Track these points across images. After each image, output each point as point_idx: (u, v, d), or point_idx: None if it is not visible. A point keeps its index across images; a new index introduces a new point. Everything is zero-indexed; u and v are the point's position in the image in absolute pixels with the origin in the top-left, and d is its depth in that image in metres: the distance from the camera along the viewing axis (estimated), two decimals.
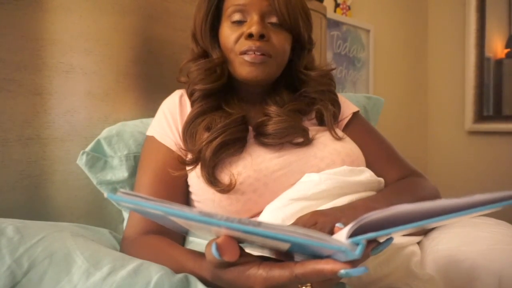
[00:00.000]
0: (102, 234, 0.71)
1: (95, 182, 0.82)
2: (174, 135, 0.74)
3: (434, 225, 0.45)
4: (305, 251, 0.40)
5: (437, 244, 0.67)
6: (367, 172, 0.71)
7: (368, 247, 0.37)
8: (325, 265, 0.37)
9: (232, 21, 0.72)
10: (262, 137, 0.71)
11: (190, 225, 0.41)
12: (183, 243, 0.72)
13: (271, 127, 0.70)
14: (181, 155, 0.72)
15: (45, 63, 0.80)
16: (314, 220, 0.55)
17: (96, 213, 0.88)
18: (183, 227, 0.44)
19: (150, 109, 0.96)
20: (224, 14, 0.74)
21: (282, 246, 0.39)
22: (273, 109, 0.73)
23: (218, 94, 0.75)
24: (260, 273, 0.40)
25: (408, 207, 0.35)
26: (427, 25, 2.40)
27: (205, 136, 0.68)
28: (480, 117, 2.19)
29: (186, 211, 0.35)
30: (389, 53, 2.17)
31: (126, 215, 0.86)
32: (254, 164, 0.67)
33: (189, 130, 0.71)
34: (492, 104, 2.18)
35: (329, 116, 0.76)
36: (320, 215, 0.56)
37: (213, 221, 0.35)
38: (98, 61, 0.88)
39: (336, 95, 0.82)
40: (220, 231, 0.38)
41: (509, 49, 2.13)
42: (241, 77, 0.73)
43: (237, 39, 0.71)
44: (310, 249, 0.38)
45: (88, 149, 0.81)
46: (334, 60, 1.84)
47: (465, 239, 0.64)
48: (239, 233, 0.37)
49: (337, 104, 0.80)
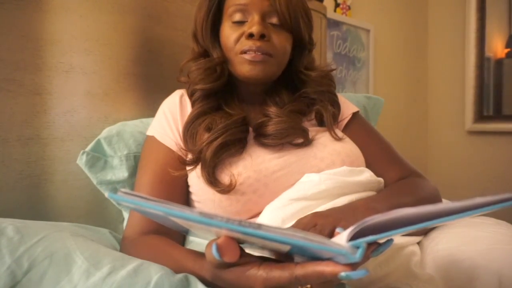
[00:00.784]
0: (102, 234, 0.71)
1: (95, 182, 0.82)
2: (175, 135, 0.74)
3: (434, 225, 0.45)
4: (305, 253, 0.40)
5: (437, 244, 0.67)
6: (367, 173, 0.71)
7: (368, 249, 0.37)
8: (325, 267, 0.37)
9: (233, 21, 0.72)
10: (262, 138, 0.71)
11: (190, 225, 0.41)
12: (183, 243, 0.72)
13: (271, 128, 0.70)
14: (181, 155, 0.72)
15: (45, 63, 0.80)
16: (314, 222, 0.55)
17: (96, 213, 0.88)
18: (183, 227, 0.44)
19: (150, 109, 0.96)
20: (225, 13, 0.74)
21: (282, 248, 0.39)
22: (273, 110, 0.73)
23: (218, 94, 0.75)
24: (260, 274, 0.40)
25: (409, 211, 0.34)
26: (427, 25, 2.40)
27: (205, 137, 0.68)
28: (480, 117, 2.19)
29: (187, 212, 0.35)
30: (389, 53, 2.17)
31: (126, 215, 0.86)
32: (254, 165, 0.67)
33: (189, 130, 0.71)
34: (492, 104, 2.18)
35: (328, 117, 0.76)
36: (320, 217, 0.56)
37: (213, 223, 0.35)
38: (98, 61, 0.88)
39: (336, 95, 0.82)
40: (221, 231, 0.38)
41: (509, 49, 2.13)
42: (241, 75, 0.73)
43: (238, 38, 0.71)
44: (310, 251, 0.38)
45: (88, 149, 0.81)
46: (334, 60, 1.84)
47: (465, 239, 0.64)
48: (239, 234, 0.37)
49: (336, 105, 0.80)
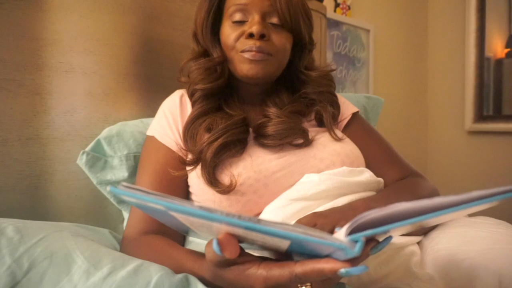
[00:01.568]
0: (102, 234, 0.71)
1: (95, 182, 0.82)
2: (175, 135, 0.74)
3: (433, 221, 0.45)
4: (305, 250, 0.40)
5: (436, 244, 0.67)
6: (367, 173, 0.71)
7: (367, 246, 0.37)
8: (325, 264, 0.37)
9: (233, 20, 0.72)
10: (262, 139, 0.71)
11: (191, 222, 0.41)
12: (183, 244, 0.72)
13: (270, 129, 0.70)
14: (181, 155, 0.72)
15: (45, 63, 0.80)
16: (313, 222, 0.55)
17: (96, 213, 0.88)
18: (183, 225, 0.44)
19: (150, 109, 0.96)
20: (225, 13, 0.74)
21: (282, 244, 0.39)
22: (272, 110, 0.73)
23: (218, 94, 0.75)
24: (260, 273, 0.40)
25: (406, 205, 0.35)
26: (427, 25, 2.40)
27: (206, 137, 0.68)
28: (480, 117, 2.19)
29: (187, 205, 0.35)
30: (389, 53, 2.17)
31: (126, 215, 0.86)
32: (254, 165, 0.67)
33: (189, 130, 0.71)
34: (492, 104, 2.18)
35: (328, 117, 0.76)
36: (319, 216, 0.56)
37: (213, 216, 0.35)
38: (98, 61, 0.88)
39: (335, 96, 0.82)
40: (221, 228, 0.38)
41: (509, 49, 2.13)
42: (241, 74, 0.73)
43: (238, 38, 0.72)
44: (309, 247, 0.38)
45: (88, 149, 0.81)
46: (334, 60, 1.84)
47: (465, 238, 0.64)
48: (239, 230, 0.37)
49: (336, 105, 0.80)
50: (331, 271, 0.37)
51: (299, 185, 0.67)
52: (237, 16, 0.72)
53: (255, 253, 0.45)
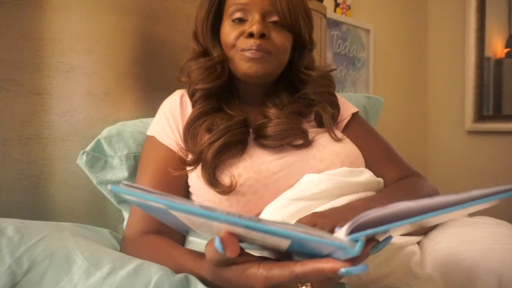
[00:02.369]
0: (102, 234, 0.71)
1: (95, 182, 0.82)
2: (175, 135, 0.74)
3: (433, 220, 0.45)
4: (305, 250, 0.40)
5: (436, 244, 0.67)
6: (367, 173, 0.71)
7: (367, 245, 0.37)
8: (325, 264, 0.37)
9: (233, 19, 0.73)
10: (262, 139, 0.71)
11: (191, 222, 0.41)
12: (183, 244, 0.72)
13: (270, 129, 0.70)
14: (181, 155, 0.72)
15: (45, 63, 0.80)
16: (313, 222, 0.55)
17: (96, 213, 0.88)
18: (184, 224, 0.44)
19: (150, 109, 0.96)
20: (225, 13, 0.74)
21: (282, 243, 0.39)
22: (272, 111, 0.73)
23: (219, 94, 0.75)
24: (260, 272, 0.40)
25: (407, 204, 0.35)
26: (427, 25, 2.40)
27: (206, 137, 0.68)
28: (480, 116, 2.19)
29: (188, 204, 0.35)
30: (389, 53, 2.17)
31: (126, 215, 0.86)
32: (254, 166, 0.67)
33: (190, 131, 0.71)
34: (492, 104, 2.18)
35: (327, 118, 0.76)
36: (319, 216, 0.56)
37: (214, 215, 0.35)
38: (98, 61, 0.88)
39: (335, 96, 0.82)
40: (221, 227, 0.38)
41: (509, 49, 2.13)
42: (241, 72, 0.73)
43: (238, 37, 0.72)
44: (309, 246, 0.38)
45: (88, 149, 0.81)
46: (334, 60, 1.84)
47: (465, 238, 0.64)
48: (239, 230, 0.37)
49: (336, 106, 0.80)
50: (331, 270, 0.37)
51: (299, 185, 0.67)
52: (237, 15, 0.72)
53: (255, 253, 0.45)
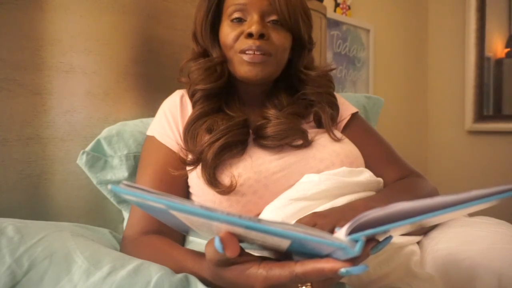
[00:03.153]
0: (102, 234, 0.71)
1: (95, 182, 0.82)
2: (175, 135, 0.74)
3: (433, 221, 0.45)
4: (305, 250, 0.40)
5: (436, 244, 0.67)
6: (366, 173, 0.71)
7: (367, 245, 0.37)
8: (325, 264, 0.37)
9: (232, 20, 0.73)
10: (262, 140, 0.71)
11: (191, 222, 0.41)
12: (183, 244, 0.72)
13: (270, 130, 0.70)
14: (181, 155, 0.72)
15: (45, 63, 0.80)
16: (313, 222, 0.55)
17: (96, 213, 0.88)
18: (184, 224, 0.44)
19: (150, 109, 0.96)
20: (224, 13, 0.74)
21: (282, 244, 0.39)
22: (272, 112, 0.73)
23: (219, 95, 0.75)
24: (260, 272, 0.40)
25: (407, 204, 0.35)
26: (427, 25, 2.40)
27: (206, 138, 0.68)
28: (480, 116, 2.19)
29: (188, 204, 0.35)
30: (389, 53, 2.17)
31: (126, 215, 0.86)
32: (254, 166, 0.67)
33: (190, 131, 0.71)
34: (492, 104, 2.18)
35: (326, 119, 0.76)
36: (319, 216, 0.56)
37: (214, 215, 0.35)
38: (98, 61, 0.88)
39: (334, 97, 0.82)
40: (221, 227, 0.38)
41: (509, 49, 2.13)
42: (240, 76, 0.73)
43: (237, 37, 0.72)
44: (309, 247, 0.38)
45: (88, 148, 0.81)
46: (334, 60, 1.84)
47: (465, 238, 0.64)
48: (239, 230, 0.37)
49: (335, 107, 0.80)
50: (331, 270, 0.37)
51: (299, 185, 0.67)
52: (236, 16, 0.72)
53: (255, 253, 0.45)
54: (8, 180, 0.76)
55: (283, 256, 0.44)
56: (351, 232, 0.36)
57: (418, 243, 0.71)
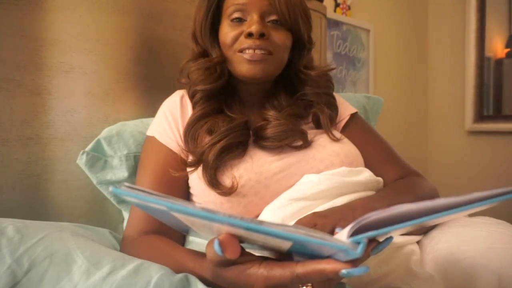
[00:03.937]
0: (102, 234, 0.71)
1: (95, 182, 0.82)
2: (175, 135, 0.74)
3: (433, 222, 0.45)
4: (306, 251, 0.40)
5: (436, 243, 0.67)
6: (366, 172, 0.71)
7: (368, 246, 0.37)
8: (326, 265, 0.37)
9: (232, 20, 0.73)
10: (262, 141, 0.71)
11: (192, 222, 0.41)
12: (183, 244, 0.72)
13: (270, 131, 0.70)
14: (182, 155, 0.72)
15: (45, 63, 0.80)
16: (313, 222, 0.55)
17: (96, 213, 0.88)
18: (184, 225, 0.44)
19: (150, 109, 0.96)
20: (224, 13, 0.74)
21: (283, 245, 0.39)
22: (271, 113, 0.73)
23: (219, 96, 0.75)
24: (261, 272, 0.40)
25: (408, 206, 0.35)
26: (427, 25, 2.40)
27: (207, 139, 0.68)
28: (480, 117, 2.19)
29: (189, 206, 0.35)
30: (389, 53, 2.17)
31: (126, 215, 0.86)
32: (255, 167, 0.67)
33: (191, 132, 0.71)
34: (492, 104, 2.18)
35: (325, 119, 0.76)
36: (319, 217, 0.56)
37: (215, 217, 0.35)
38: (98, 61, 0.88)
39: (333, 97, 0.82)
40: (222, 228, 0.38)
41: (509, 49, 2.13)
42: (240, 75, 0.73)
43: (237, 37, 0.72)
44: (310, 248, 0.38)
45: (88, 148, 0.81)
46: (334, 60, 1.84)
47: (465, 238, 0.64)
48: (240, 231, 0.37)
49: (334, 107, 0.80)
50: (332, 271, 0.37)
51: (299, 185, 0.67)
52: (236, 16, 0.72)
53: (256, 252, 0.45)
54: (8, 180, 0.76)
55: (283, 256, 0.44)
56: (352, 234, 0.36)
57: (418, 242, 0.71)
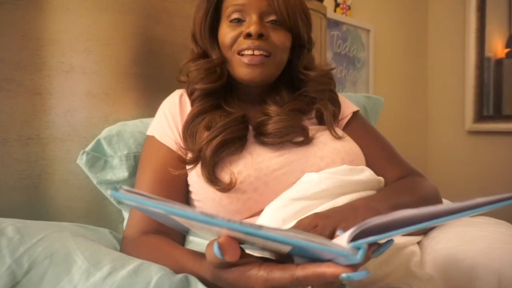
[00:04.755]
0: (102, 234, 0.71)
1: (95, 182, 0.82)
2: (174, 134, 0.74)
3: (434, 225, 0.45)
4: (306, 254, 0.40)
5: (436, 244, 0.67)
6: (367, 171, 0.71)
7: (369, 249, 0.37)
8: (326, 269, 0.37)
9: (230, 20, 0.72)
10: (262, 136, 0.71)
11: (191, 225, 0.41)
12: (183, 244, 0.72)
13: (271, 127, 0.70)
14: (181, 154, 0.72)
15: (45, 63, 0.80)
16: (314, 223, 0.54)
17: (96, 213, 0.88)
18: (184, 226, 0.44)
19: (150, 109, 0.96)
20: (223, 14, 0.74)
21: (283, 248, 0.39)
22: (272, 108, 0.73)
23: (218, 93, 0.75)
24: (261, 274, 0.40)
25: (409, 212, 0.35)
26: (427, 25, 2.40)
27: (205, 135, 0.68)
28: (480, 117, 2.19)
29: (188, 211, 0.35)
30: (389, 53, 2.17)
31: (126, 215, 0.86)
32: (254, 163, 0.67)
33: (189, 129, 0.71)
34: (492, 104, 2.18)
35: (328, 115, 0.76)
36: (320, 218, 0.56)
37: (214, 222, 0.35)
38: (98, 61, 0.88)
39: (336, 94, 0.82)
40: (221, 231, 0.38)
41: (509, 49, 2.13)
42: (239, 78, 0.73)
43: (236, 38, 0.71)
44: (311, 252, 0.38)
45: (88, 148, 0.81)
46: (334, 60, 1.84)
47: (465, 238, 0.64)
48: (240, 234, 0.37)
49: (337, 104, 0.80)
50: (332, 275, 0.36)
51: (299, 184, 0.67)
52: (235, 16, 0.72)
53: (256, 253, 0.45)
54: (8, 180, 0.76)
55: (284, 257, 0.44)
56: (353, 238, 0.36)
57: (418, 243, 0.71)
